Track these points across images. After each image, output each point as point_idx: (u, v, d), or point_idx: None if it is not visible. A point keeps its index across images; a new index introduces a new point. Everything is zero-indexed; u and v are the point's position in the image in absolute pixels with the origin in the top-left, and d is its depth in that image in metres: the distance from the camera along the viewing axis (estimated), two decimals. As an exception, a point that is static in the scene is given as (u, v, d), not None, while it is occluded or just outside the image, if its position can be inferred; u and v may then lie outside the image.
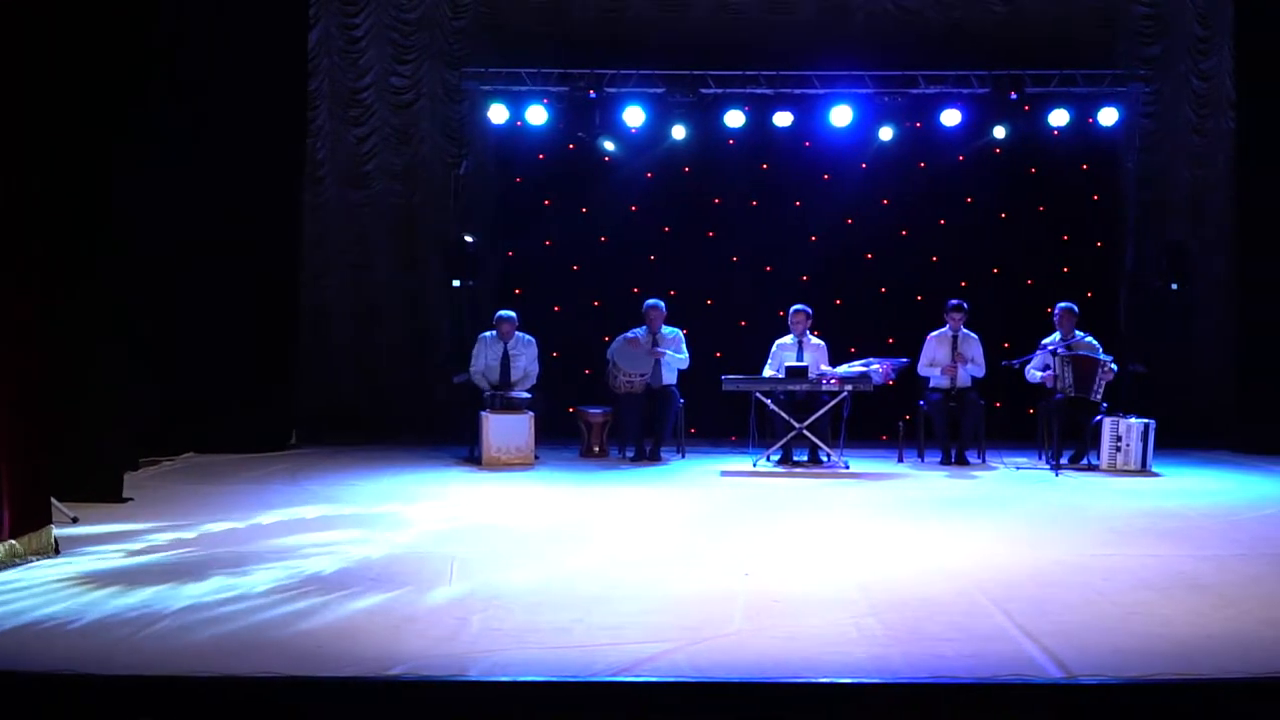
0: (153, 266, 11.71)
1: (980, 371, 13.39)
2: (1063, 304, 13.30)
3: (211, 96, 13.06)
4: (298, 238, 14.37)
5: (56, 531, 7.98)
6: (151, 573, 7.26)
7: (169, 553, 7.96)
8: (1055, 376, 12.74)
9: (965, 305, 13.44)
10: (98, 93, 9.65)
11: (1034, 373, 13.18)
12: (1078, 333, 13.15)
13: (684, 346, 13.56)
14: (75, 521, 8.80)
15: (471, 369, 13.47)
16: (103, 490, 9.87)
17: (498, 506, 10.22)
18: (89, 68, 9.38)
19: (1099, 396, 12.76)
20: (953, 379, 13.27)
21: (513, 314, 13.56)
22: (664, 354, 13.33)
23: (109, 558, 7.77)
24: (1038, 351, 13.15)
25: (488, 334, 13.54)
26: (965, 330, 13.46)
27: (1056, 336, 13.19)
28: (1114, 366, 12.81)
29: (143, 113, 10.78)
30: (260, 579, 7.11)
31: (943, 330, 13.51)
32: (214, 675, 5.25)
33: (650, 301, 13.63)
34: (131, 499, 10.02)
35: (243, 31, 13.36)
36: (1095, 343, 13.12)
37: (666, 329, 13.57)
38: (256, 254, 13.58)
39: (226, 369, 13.31)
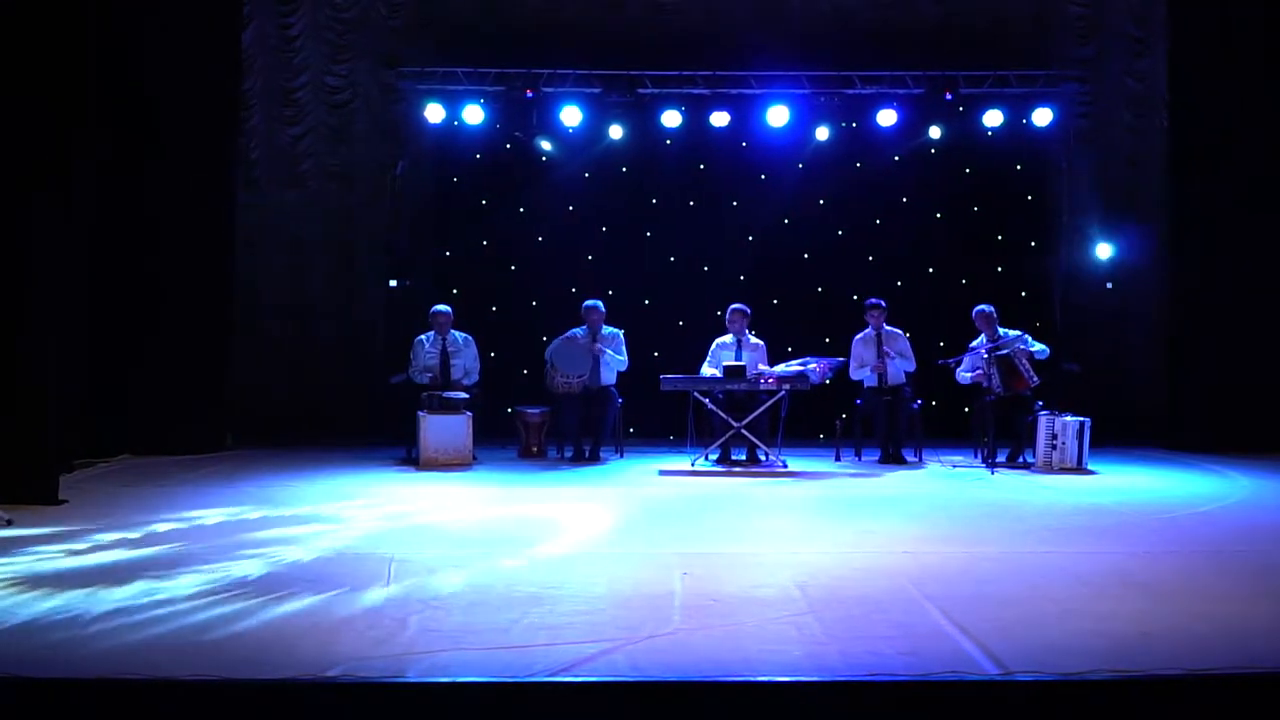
0: (84, 267, 11.57)
1: (910, 365, 13.49)
2: (979, 308, 13.39)
3: (144, 95, 12.98)
4: (232, 238, 14.23)
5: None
6: (82, 575, 7.14)
7: (103, 554, 7.83)
8: (986, 375, 12.81)
9: (883, 303, 13.59)
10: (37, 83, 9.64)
11: (964, 374, 13.26)
12: (1003, 331, 13.22)
13: (624, 348, 13.52)
14: (9, 524, 8.68)
15: (411, 369, 13.41)
16: (37, 492, 9.72)
17: (436, 507, 10.14)
18: (32, 62, 9.40)
19: (1034, 380, 12.77)
20: (882, 376, 13.35)
21: (448, 308, 13.56)
22: (604, 351, 13.28)
23: (42, 560, 7.64)
24: (967, 355, 13.22)
25: (424, 335, 13.50)
26: (888, 327, 13.57)
27: (983, 338, 13.27)
28: (1027, 347, 12.86)
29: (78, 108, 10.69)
30: (190, 581, 7.01)
31: (865, 331, 13.61)
32: (143, 679, 5.17)
33: (590, 302, 13.58)
34: (66, 501, 9.87)
35: (176, 30, 13.25)
36: (1025, 335, 13.15)
37: (607, 329, 13.53)
38: (191, 254, 13.48)
39: (162, 370, 13.24)
